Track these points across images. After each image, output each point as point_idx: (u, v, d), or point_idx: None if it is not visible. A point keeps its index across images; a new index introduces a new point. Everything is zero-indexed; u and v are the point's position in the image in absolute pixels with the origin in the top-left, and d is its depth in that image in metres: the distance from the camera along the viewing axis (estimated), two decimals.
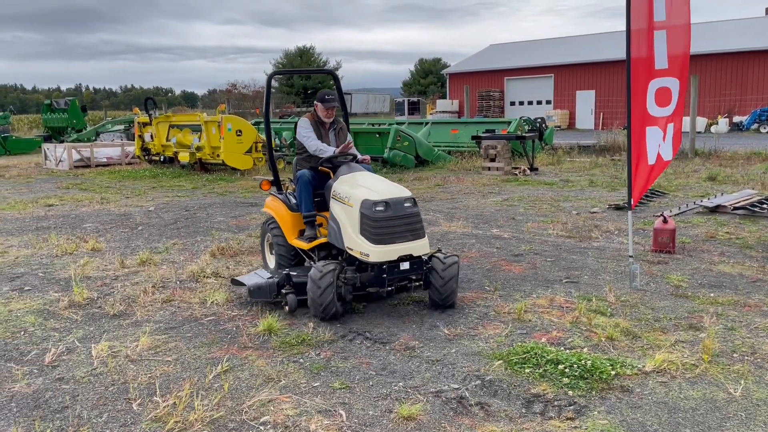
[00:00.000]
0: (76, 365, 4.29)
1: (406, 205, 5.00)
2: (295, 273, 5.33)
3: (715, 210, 9.31)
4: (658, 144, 5.94)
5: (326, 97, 5.95)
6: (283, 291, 5.19)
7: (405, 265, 4.98)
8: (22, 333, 4.92)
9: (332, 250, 5.51)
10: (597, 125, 36.49)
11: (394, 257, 4.89)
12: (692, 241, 7.50)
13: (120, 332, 4.90)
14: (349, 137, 6.13)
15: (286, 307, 5.13)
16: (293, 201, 5.95)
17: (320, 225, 5.77)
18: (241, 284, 5.50)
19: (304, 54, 63.78)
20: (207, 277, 6.34)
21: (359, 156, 5.90)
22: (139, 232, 8.76)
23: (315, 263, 5.18)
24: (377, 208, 4.88)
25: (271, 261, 6.23)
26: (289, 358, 4.31)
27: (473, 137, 15.79)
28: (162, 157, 17.35)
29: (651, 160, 5.96)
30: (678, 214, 9.14)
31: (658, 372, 3.97)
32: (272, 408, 3.62)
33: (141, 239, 8.26)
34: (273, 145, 16.34)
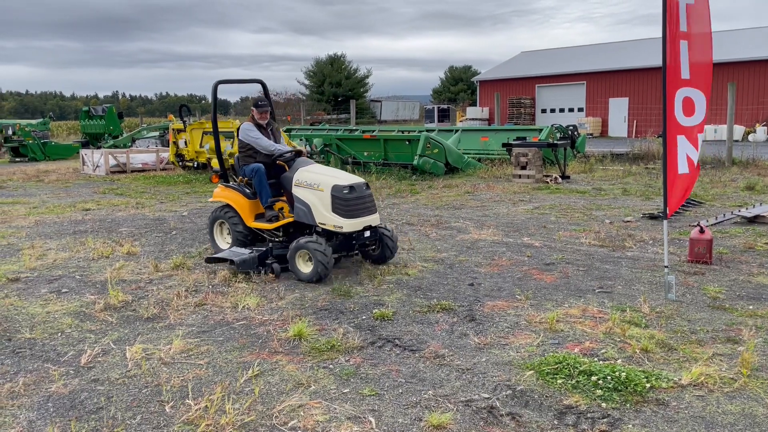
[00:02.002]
0: (111, 367, 4.37)
1: (364, 188, 6.59)
2: (277, 247, 6.72)
3: (754, 220, 9.08)
4: (686, 153, 5.84)
5: (259, 103, 7.28)
6: (268, 261, 6.49)
7: (367, 234, 6.62)
8: (59, 334, 5.03)
9: (289, 229, 6.88)
10: (630, 133, 35.96)
11: (360, 227, 6.47)
12: (730, 251, 7.32)
13: (153, 335, 4.98)
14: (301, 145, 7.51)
15: (271, 274, 6.38)
16: (248, 190, 7.15)
17: (280, 209, 7.14)
18: (221, 260, 6.58)
19: (335, 62, 64.11)
20: (238, 281, 6.39)
21: (304, 151, 7.27)
22: (173, 236, 8.90)
23: (304, 238, 6.35)
24: (345, 191, 6.35)
25: (222, 243, 7.42)
26: (319, 364, 4.33)
27: (504, 144, 15.68)
28: (195, 163, 17.61)
29: (682, 169, 5.85)
30: (715, 224, 8.93)
31: (694, 385, 3.88)
32: (302, 413, 3.64)
33: (175, 244, 8.39)
34: (306, 153, 16.44)
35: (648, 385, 3.84)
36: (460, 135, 18.28)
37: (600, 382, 3.88)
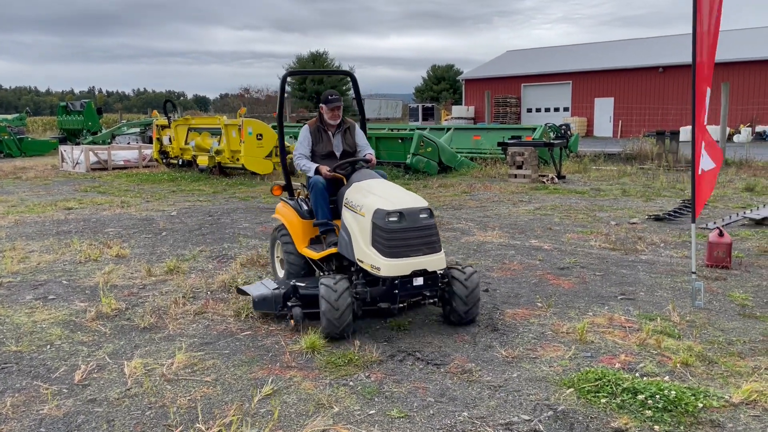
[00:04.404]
0: (108, 384, 3.97)
1: (421, 216, 4.64)
2: (302, 284, 5.02)
3: (762, 222, 8.90)
4: (706, 152, 5.61)
5: (330, 97, 5.56)
6: (289, 304, 4.87)
7: (418, 281, 4.64)
8: (48, 347, 4.62)
9: (344, 261, 5.17)
10: (615, 133, 36.05)
11: (407, 272, 4.56)
12: (745, 255, 7.11)
13: (153, 347, 4.59)
14: (364, 143, 5.83)
15: (291, 321, 4.80)
16: (305, 207, 5.61)
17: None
18: (246, 294, 5.25)
19: (317, 59, 63.53)
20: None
21: (373, 158, 5.69)
22: (164, 237, 8.47)
23: (324, 276, 4.79)
24: (390, 219, 4.55)
25: (281, 270, 5.92)
26: (338, 381, 3.97)
27: (500, 144, 15.42)
28: (180, 161, 17.11)
29: (706, 167, 5.62)
30: (723, 226, 8.73)
31: (746, 404, 3.60)
32: None
33: (166, 245, 7.97)
34: (292, 150, 16.02)
35: (700, 405, 3.55)
36: (453, 134, 17.99)
37: (648, 401, 3.58)
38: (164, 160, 17.77)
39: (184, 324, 5.07)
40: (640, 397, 3.63)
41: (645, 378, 3.93)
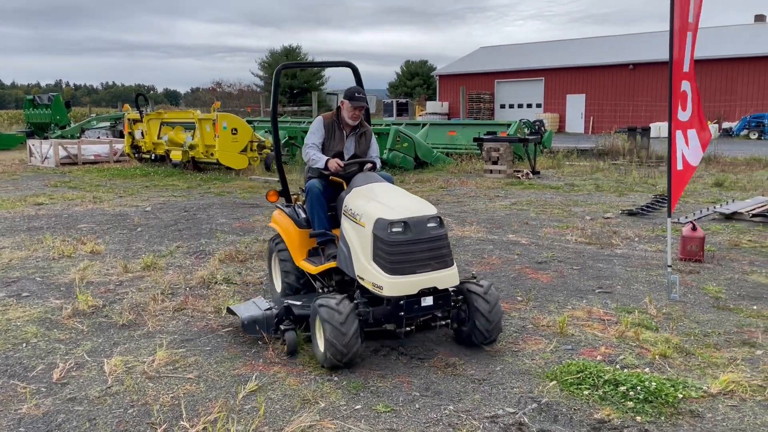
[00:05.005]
0: (88, 383, 3.90)
1: (429, 225, 4.07)
2: (297, 303, 4.54)
3: (731, 217, 9.11)
4: (681, 150, 5.71)
5: (356, 94, 4.95)
6: (282, 327, 4.33)
7: (427, 301, 4.05)
8: (24, 345, 4.52)
9: (345, 276, 4.58)
10: (587, 129, 36.55)
11: (414, 291, 3.99)
12: (717, 249, 7.27)
13: (132, 344, 4.52)
14: (376, 158, 5.20)
15: (285, 347, 4.27)
16: (302, 215, 5.08)
17: None
18: (236, 314, 4.67)
19: (290, 54, 63.04)
20: (218, 283, 5.96)
21: (378, 162, 5.12)
22: (139, 233, 8.34)
23: (322, 296, 4.17)
24: (394, 230, 3.99)
25: (278, 283, 5.36)
26: (323, 376, 3.96)
27: (475, 139, 15.51)
28: (153, 155, 16.86)
29: (679, 165, 5.71)
30: (695, 220, 8.91)
31: (724, 394, 3.69)
32: None
33: (142, 241, 7.85)
34: (268, 145, 15.71)
35: (680, 396, 3.62)
36: (428, 129, 18.03)
37: (630, 392, 3.64)
38: (136, 155, 17.49)
39: (163, 321, 5.00)
40: (622, 388, 3.70)
41: (625, 370, 4.00)
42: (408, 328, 4.12)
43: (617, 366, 4.08)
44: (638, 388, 3.68)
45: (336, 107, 5.19)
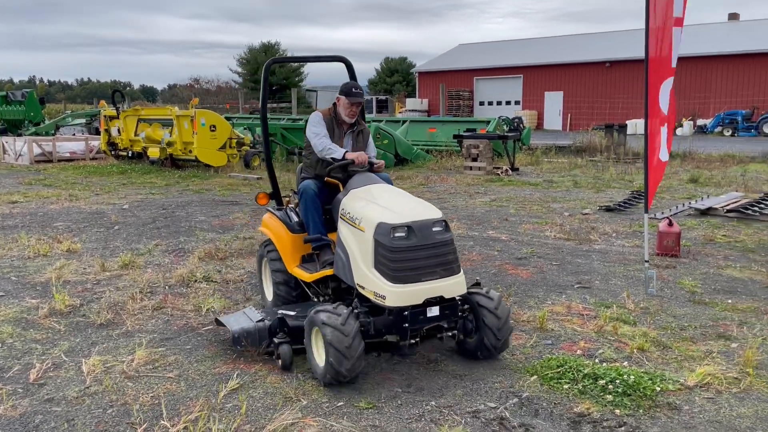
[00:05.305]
0: (66, 383, 3.85)
1: (435, 229, 3.81)
2: (291, 314, 4.27)
3: (706, 212, 9.26)
4: (661, 144, 5.80)
5: (353, 89, 4.67)
6: (276, 340, 4.06)
7: (433, 311, 3.79)
8: (0, 346, 4.44)
9: (341, 284, 4.34)
10: (565, 126, 36.87)
11: (419, 300, 3.73)
12: (693, 244, 7.39)
13: (111, 344, 4.47)
14: (373, 155, 4.91)
15: (279, 361, 4.00)
16: (295, 219, 4.80)
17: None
18: (224, 326, 4.35)
19: (269, 50, 62.70)
20: (198, 281, 5.91)
21: (375, 161, 4.75)
22: (116, 231, 8.23)
23: (321, 308, 3.80)
24: (397, 235, 3.72)
25: (269, 292, 5.09)
26: (305, 374, 3.95)
27: (455, 136, 15.57)
28: (130, 153, 16.63)
29: (664, 157, 5.80)
30: (671, 216, 9.04)
31: (701, 387, 3.76)
32: None
33: (119, 240, 7.75)
34: (247, 142, 15.56)
35: (657, 389, 3.68)
36: (408, 126, 18.06)
37: (609, 386, 3.69)
38: (113, 152, 17.24)
39: (142, 320, 4.95)
40: (601, 382, 3.75)
41: (604, 364, 4.05)
42: (413, 340, 3.84)
43: (596, 360, 4.13)
44: (617, 381, 3.73)
45: (332, 104, 4.88)
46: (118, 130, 16.76)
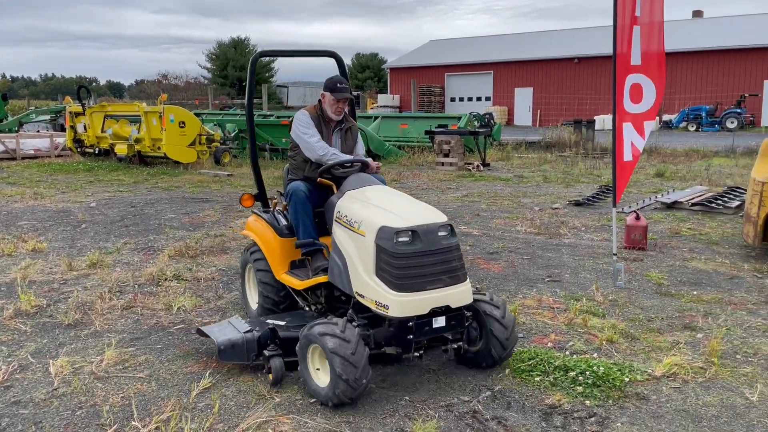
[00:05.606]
0: (33, 385, 3.77)
1: (441, 234, 3.60)
2: (280, 323, 4.04)
3: (672, 206, 9.46)
4: (631, 141, 5.88)
5: (338, 85, 4.42)
6: (266, 352, 3.78)
7: (439, 321, 3.56)
8: None
9: (335, 291, 4.11)
10: (535, 122, 37.27)
11: (425, 310, 3.49)
12: (659, 237, 7.54)
13: (79, 345, 4.39)
14: (362, 153, 4.76)
15: (270, 376, 3.75)
16: (283, 222, 4.53)
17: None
18: (208, 336, 4.05)
19: (239, 45, 62.08)
20: (168, 280, 5.84)
21: (371, 163, 4.52)
22: (84, 230, 8.08)
23: (321, 321, 3.58)
24: (401, 240, 3.49)
25: (253, 300, 4.84)
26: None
27: (427, 132, 15.62)
28: (96, 150, 16.32)
29: (627, 156, 5.89)
30: (638, 210, 9.21)
31: (668, 377, 3.84)
32: (271, 430, 3.26)
33: (87, 238, 7.61)
34: (217, 138, 15.35)
35: (626, 380, 3.76)
36: (380, 122, 18.06)
37: (579, 377, 3.76)
38: (79, 149, 16.90)
39: (111, 319, 4.87)
40: (571, 374, 3.81)
41: (574, 356, 4.12)
42: (417, 353, 3.61)
43: (567, 352, 4.19)
44: (587, 373, 3.80)
45: (317, 101, 4.64)
46: (84, 127, 16.44)
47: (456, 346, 3.77)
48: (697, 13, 40.85)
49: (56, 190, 11.60)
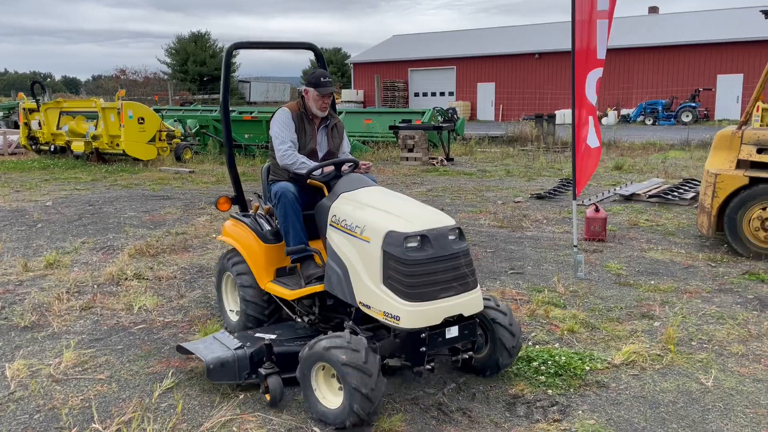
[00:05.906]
0: None
1: (451, 238, 3.38)
2: (272, 337, 3.76)
3: (630, 198, 9.68)
4: (594, 132, 6.00)
5: (323, 79, 4.17)
6: (262, 371, 3.49)
7: (452, 331, 3.35)
8: None
9: (327, 300, 3.90)
10: (497, 117, 37.64)
11: (438, 320, 3.28)
12: (618, 229, 7.71)
13: (36, 347, 4.28)
14: (348, 150, 4.55)
15: (267, 396, 3.45)
16: (266, 227, 4.21)
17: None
18: (190, 353, 3.79)
19: (199, 40, 61.06)
20: (128, 279, 5.73)
21: (361, 163, 4.27)
22: (39, 230, 7.86)
23: (329, 335, 3.33)
24: (410, 245, 3.25)
25: (232, 312, 4.51)
26: None
27: (391, 127, 15.65)
28: (52, 147, 15.89)
29: (594, 142, 6.00)
30: (597, 202, 9.40)
31: (627, 365, 3.94)
32: (236, 429, 3.23)
33: (43, 238, 7.41)
34: (177, 134, 15.15)
35: (586, 368, 3.84)
36: (344, 117, 17.99)
37: (541, 367, 3.83)
38: (33, 147, 16.43)
39: (69, 320, 4.76)
40: (534, 364, 3.87)
41: (537, 346, 4.19)
42: (429, 366, 3.39)
43: (530, 343, 4.26)
44: (549, 362, 3.87)
45: (299, 96, 4.38)
46: (39, 124, 16.00)
47: (467, 356, 3.61)
48: (653, 10, 41.77)
49: (10, 188, 11.26)
